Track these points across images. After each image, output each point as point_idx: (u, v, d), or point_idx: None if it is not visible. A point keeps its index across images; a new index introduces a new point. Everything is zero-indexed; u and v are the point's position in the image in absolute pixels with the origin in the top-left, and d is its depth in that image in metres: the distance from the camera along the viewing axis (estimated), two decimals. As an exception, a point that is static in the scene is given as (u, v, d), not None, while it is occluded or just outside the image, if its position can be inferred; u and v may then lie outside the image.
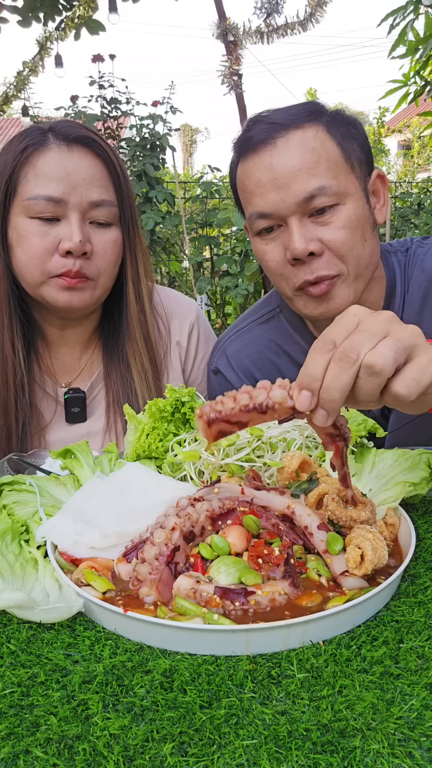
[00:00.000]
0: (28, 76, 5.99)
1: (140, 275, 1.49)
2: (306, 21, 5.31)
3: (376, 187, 1.37)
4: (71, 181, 1.33)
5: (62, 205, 1.33)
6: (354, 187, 1.28)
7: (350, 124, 1.32)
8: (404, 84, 4.40)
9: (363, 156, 1.32)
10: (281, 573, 0.78)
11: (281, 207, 1.26)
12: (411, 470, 1.01)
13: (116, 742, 0.58)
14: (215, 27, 5.26)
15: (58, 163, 1.33)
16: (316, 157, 1.25)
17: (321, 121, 1.28)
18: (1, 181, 1.36)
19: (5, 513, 0.92)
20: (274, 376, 1.48)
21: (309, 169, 1.24)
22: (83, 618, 0.77)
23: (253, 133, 1.29)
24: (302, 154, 1.25)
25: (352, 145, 1.30)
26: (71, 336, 1.52)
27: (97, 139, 1.38)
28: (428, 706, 0.61)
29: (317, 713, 0.60)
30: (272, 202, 1.26)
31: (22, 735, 0.59)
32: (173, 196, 5.11)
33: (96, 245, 1.38)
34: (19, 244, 1.35)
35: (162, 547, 0.80)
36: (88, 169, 1.35)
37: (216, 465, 1.06)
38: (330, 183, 1.24)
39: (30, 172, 1.33)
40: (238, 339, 1.56)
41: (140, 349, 1.50)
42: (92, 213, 1.36)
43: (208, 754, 0.56)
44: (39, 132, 1.37)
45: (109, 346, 1.54)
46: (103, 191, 1.37)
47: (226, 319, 5.67)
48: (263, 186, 1.27)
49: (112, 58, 5.45)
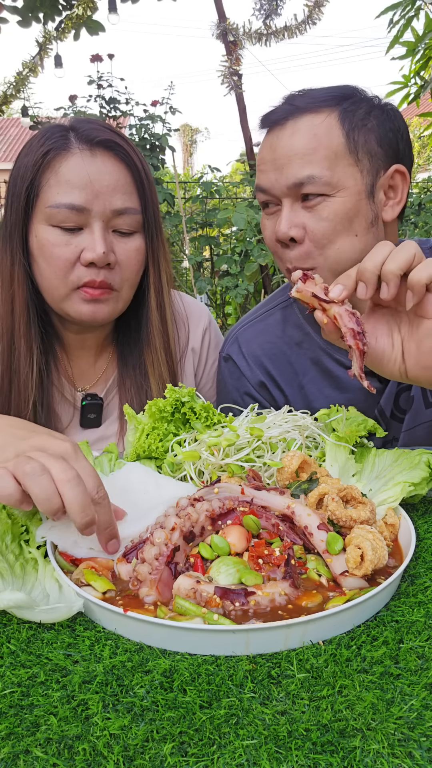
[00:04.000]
0: (27, 76, 6.00)
1: (163, 283, 1.46)
2: (303, 24, 5.32)
3: (395, 182, 1.31)
4: (94, 188, 1.29)
5: (85, 214, 1.29)
6: (352, 180, 1.25)
7: (374, 115, 1.28)
8: (405, 85, 4.40)
9: (380, 149, 1.28)
10: (281, 574, 0.78)
11: (276, 186, 1.28)
12: (411, 470, 1.01)
13: (116, 742, 0.58)
14: (215, 27, 5.26)
15: (81, 170, 1.29)
16: (315, 144, 1.24)
17: (338, 107, 1.26)
18: (22, 185, 1.32)
19: (5, 513, 0.92)
20: (286, 367, 1.49)
21: (304, 155, 1.24)
22: (83, 618, 0.77)
23: (274, 110, 1.32)
24: (303, 139, 1.25)
25: (365, 137, 1.26)
26: (88, 340, 1.50)
27: (121, 142, 1.34)
28: (428, 706, 0.61)
29: (317, 713, 0.60)
30: (268, 180, 1.29)
31: (22, 735, 0.59)
32: (173, 196, 5.11)
33: (119, 254, 1.34)
34: (42, 255, 1.32)
35: (162, 547, 0.80)
36: (112, 175, 1.31)
37: (216, 465, 1.06)
38: (322, 173, 1.23)
39: (52, 178, 1.30)
40: (251, 328, 1.56)
41: (159, 358, 1.47)
42: (115, 221, 1.33)
43: (208, 754, 0.56)
44: (60, 133, 1.33)
45: (124, 354, 1.52)
46: (126, 198, 1.33)
47: (226, 319, 5.67)
48: (265, 164, 1.30)
49: (111, 58, 5.45)
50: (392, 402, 1.43)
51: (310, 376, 1.48)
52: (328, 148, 1.24)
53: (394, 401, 1.43)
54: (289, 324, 1.52)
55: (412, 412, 1.43)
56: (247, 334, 1.55)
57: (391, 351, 1.00)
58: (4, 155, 22.15)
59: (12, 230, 1.35)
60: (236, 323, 1.62)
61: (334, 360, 1.44)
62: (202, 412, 1.14)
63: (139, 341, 1.49)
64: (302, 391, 1.49)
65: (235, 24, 5.29)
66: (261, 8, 5.25)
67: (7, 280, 1.38)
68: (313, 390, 1.47)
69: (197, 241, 5.34)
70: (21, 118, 6.46)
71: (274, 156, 1.28)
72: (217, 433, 1.09)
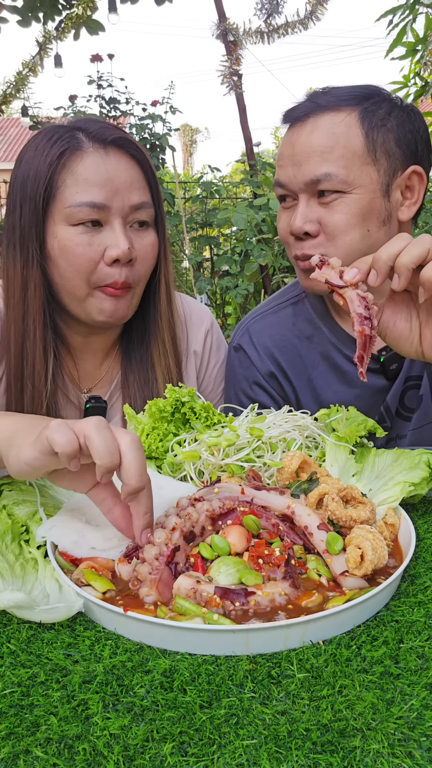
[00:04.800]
0: (27, 75, 5.99)
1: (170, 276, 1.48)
2: (306, 19, 5.31)
3: (411, 183, 1.35)
4: (113, 185, 1.30)
5: (105, 211, 1.30)
6: (368, 179, 1.28)
7: (394, 116, 1.31)
8: (404, 85, 4.40)
9: (398, 150, 1.30)
10: (282, 574, 0.78)
11: (293, 182, 1.32)
12: (411, 470, 1.01)
13: (116, 742, 0.58)
14: (215, 27, 5.26)
15: (99, 168, 1.29)
16: (334, 142, 1.27)
17: (359, 106, 1.29)
18: (36, 187, 1.31)
19: (5, 513, 0.92)
20: (296, 360, 1.50)
21: (322, 153, 1.27)
22: (83, 618, 0.77)
23: (295, 108, 1.35)
24: (322, 137, 1.28)
25: (383, 137, 1.29)
26: (95, 343, 1.50)
27: (131, 139, 1.36)
28: (428, 706, 0.61)
29: (317, 713, 0.60)
30: (286, 176, 1.33)
31: (22, 735, 0.59)
32: (173, 196, 5.11)
33: (137, 250, 1.35)
34: (63, 256, 1.31)
35: (162, 547, 0.80)
36: (127, 172, 1.33)
37: (216, 465, 1.06)
38: (338, 171, 1.27)
39: (69, 178, 1.30)
40: (262, 320, 1.57)
41: (167, 351, 1.48)
42: (133, 216, 1.34)
43: (208, 754, 0.56)
44: (69, 134, 1.32)
45: (128, 350, 1.51)
46: (141, 193, 1.35)
47: (226, 319, 5.67)
48: (284, 159, 1.34)
49: (111, 58, 5.45)
50: (398, 400, 1.45)
51: (319, 370, 1.49)
52: (346, 147, 1.27)
53: (400, 399, 1.45)
54: (300, 318, 1.53)
55: (421, 410, 1.45)
56: (258, 325, 1.56)
57: (409, 334, 1.03)
58: (4, 155, 22.15)
59: (26, 234, 1.34)
60: (247, 315, 1.64)
61: (343, 355, 1.46)
62: (202, 412, 1.14)
63: (145, 335, 1.49)
64: (311, 385, 1.50)
65: (235, 24, 5.29)
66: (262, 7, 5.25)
67: (18, 285, 1.36)
68: (322, 384, 1.49)
69: (197, 241, 5.34)
70: (21, 118, 6.46)
71: (293, 152, 1.31)
72: (217, 433, 1.09)
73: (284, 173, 1.33)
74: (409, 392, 1.45)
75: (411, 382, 1.45)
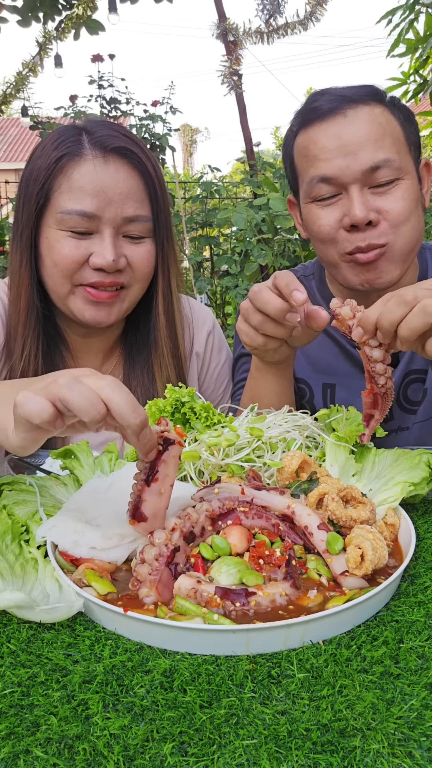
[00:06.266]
0: (27, 75, 5.99)
1: (172, 288, 1.47)
2: (306, 20, 5.31)
3: (423, 174, 1.42)
4: (106, 196, 1.30)
5: (96, 221, 1.30)
6: (411, 166, 1.34)
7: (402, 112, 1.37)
8: (403, 82, 4.40)
9: (417, 141, 1.38)
10: (282, 574, 0.78)
11: (346, 173, 1.30)
12: (411, 470, 1.01)
13: (116, 742, 0.58)
14: (215, 27, 5.26)
15: (93, 177, 1.29)
16: (383, 131, 1.30)
17: (384, 101, 1.34)
18: (34, 188, 1.33)
19: (5, 513, 0.92)
20: None
21: (376, 140, 1.29)
22: (83, 618, 0.77)
23: (320, 103, 1.35)
24: (370, 126, 1.30)
25: (410, 128, 1.36)
26: (95, 344, 1.50)
27: (135, 148, 1.35)
28: (428, 706, 0.61)
29: (317, 713, 0.60)
30: (337, 167, 1.31)
31: (22, 735, 0.59)
32: (173, 196, 5.11)
33: (130, 257, 1.36)
34: (50, 255, 1.33)
35: (162, 548, 0.80)
36: (125, 182, 1.32)
37: (216, 465, 1.06)
38: (394, 157, 1.30)
39: (64, 184, 1.30)
40: None
41: (167, 363, 1.48)
42: (126, 228, 1.34)
43: (208, 754, 0.56)
44: (74, 137, 1.33)
45: (132, 355, 1.52)
46: (138, 206, 1.34)
47: (226, 319, 5.67)
48: (329, 152, 1.32)
49: (111, 58, 5.45)
50: (400, 390, 1.48)
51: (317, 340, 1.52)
52: (393, 136, 1.31)
53: (403, 390, 1.46)
54: None
55: (426, 403, 1.47)
56: None
57: None
58: (4, 155, 22.15)
59: (23, 231, 1.36)
60: None
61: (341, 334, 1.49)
62: (202, 412, 1.14)
63: (147, 343, 1.49)
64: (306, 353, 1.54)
65: (235, 24, 5.29)
66: (264, 8, 5.25)
67: (16, 280, 1.39)
68: (319, 354, 1.53)
69: (197, 241, 5.34)
70: (21, 118, 6.45)
71: (342, 143, 1.30)
72: (217, 433, 1.09)
73: (333, 165, 1.31)
74: (412, 385, 1.47)
75: (413, 376, 1.47)
